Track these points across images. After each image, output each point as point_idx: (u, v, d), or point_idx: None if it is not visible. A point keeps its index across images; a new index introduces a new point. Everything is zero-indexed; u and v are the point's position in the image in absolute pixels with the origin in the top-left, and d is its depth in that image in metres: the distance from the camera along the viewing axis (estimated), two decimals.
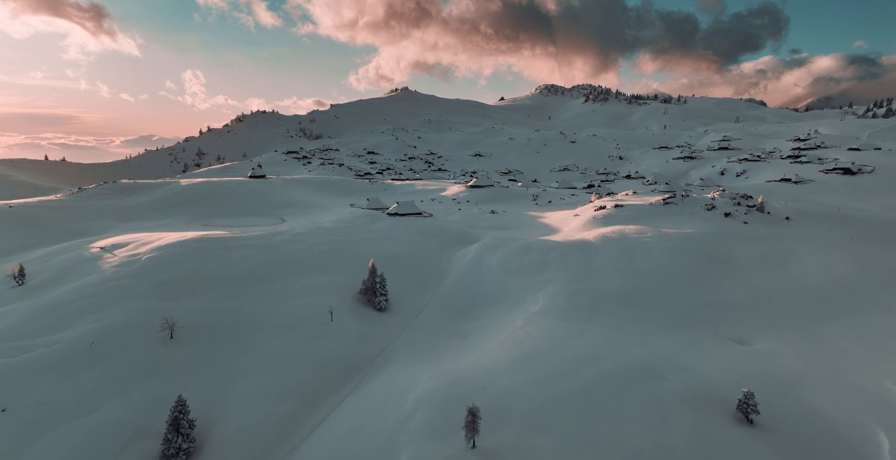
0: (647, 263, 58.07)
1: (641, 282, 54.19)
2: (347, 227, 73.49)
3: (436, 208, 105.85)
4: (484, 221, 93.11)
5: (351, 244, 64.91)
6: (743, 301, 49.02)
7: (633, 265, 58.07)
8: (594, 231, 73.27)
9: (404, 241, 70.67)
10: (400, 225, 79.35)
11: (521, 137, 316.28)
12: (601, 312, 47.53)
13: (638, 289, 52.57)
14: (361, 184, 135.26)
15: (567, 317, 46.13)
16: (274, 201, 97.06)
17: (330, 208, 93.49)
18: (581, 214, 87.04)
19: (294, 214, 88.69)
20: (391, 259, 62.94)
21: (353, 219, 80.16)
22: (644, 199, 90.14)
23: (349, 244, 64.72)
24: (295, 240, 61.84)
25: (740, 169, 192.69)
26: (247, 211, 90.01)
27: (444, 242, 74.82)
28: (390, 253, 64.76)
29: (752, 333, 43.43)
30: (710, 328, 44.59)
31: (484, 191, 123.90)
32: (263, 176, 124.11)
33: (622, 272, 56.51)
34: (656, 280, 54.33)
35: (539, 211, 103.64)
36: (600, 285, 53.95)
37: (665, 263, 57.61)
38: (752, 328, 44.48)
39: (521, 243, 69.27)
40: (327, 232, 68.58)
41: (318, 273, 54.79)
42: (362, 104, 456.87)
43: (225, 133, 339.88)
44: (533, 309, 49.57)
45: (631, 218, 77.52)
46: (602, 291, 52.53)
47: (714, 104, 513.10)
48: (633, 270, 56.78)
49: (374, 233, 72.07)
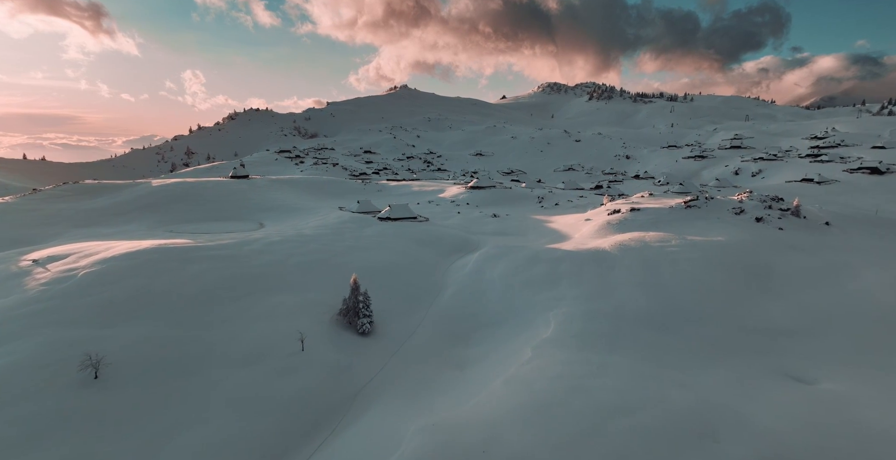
0: (675, 277, 50.80)
1: (670, 300, 46.94)
2: (332, 234, 66.32)
3: (433, 211, 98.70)
4: (485, 226, 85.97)
5: (333, 254, 57.73)
6: (795, 325, 41.73)
7: (658, 279, 50.81)
8: (609, 238, 66.04)
9: (395, 250, 63.50)
10: (391, 231, 72.21)
11: (524, 136, 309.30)
12: (625, 339, 40.29)
13: (666, 309, 45.33)
14: (354, 186, 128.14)
15: (585, 345, 38.90)
16: (255, 204, 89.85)
17: (316, 212, 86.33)
18: (593, 219, 79.80)
19: (275, 219, 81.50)
20: (379, 272, 55.79)
21: (340, 224, 73.01)
22: (663, 202, 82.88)
23: (331, 254, 57.54)
24: (268, 249, 54.63)
25: (756, 168, 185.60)
26: (223, 215, 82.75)
27: (440, 251, 67.65)
28: (378, 264, 57.60)
29: (813, 367, 36.13)
30: (760, 359, 37.32)
31: (485, 193, 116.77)
32: (246, 176, 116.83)
33: (646, 288, 49.27)
34: (687, 297, 47.08)
35: (545, 214, 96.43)
36: (621, 304, 46.72)
37: (696, 277, 50.34)
38: (811, 360, 37.19)
39: (527, 252, 62.08)
40: (308, 240, 61.39)
41: (291, 290, 47.60)
42: (360, 102, 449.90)
43: (216, 131, 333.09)
44: (543, 334, 42.35)
45: (650, 223, 70.25)
46: (624, 312, 45.30)
47: (722, 102, 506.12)
48: (659, 286, 49.52)
49: (361, 241, 64.89)
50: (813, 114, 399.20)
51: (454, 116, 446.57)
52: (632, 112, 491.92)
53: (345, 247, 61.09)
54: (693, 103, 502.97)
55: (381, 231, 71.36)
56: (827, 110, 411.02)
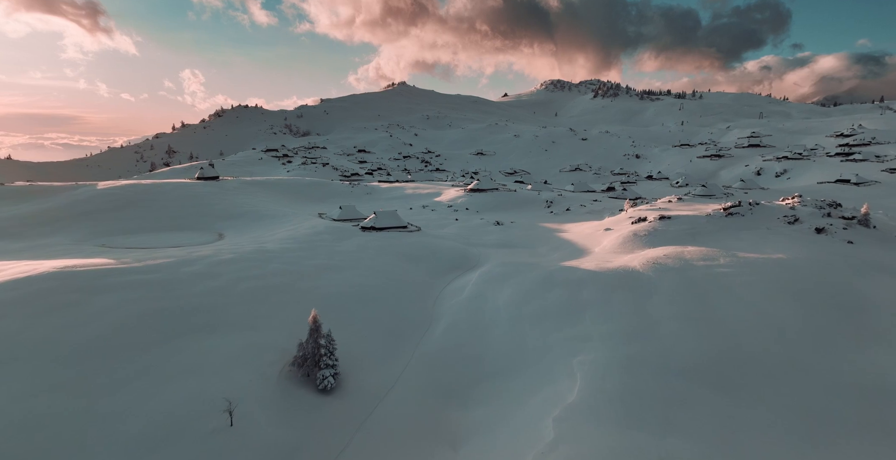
0: (733, 310, 40.01)
1: (732, 343, 36.11)
2: (300, 250, 55.55)
3: (427, 218, 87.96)
4: (487, 236, 75.27)
5: (298, 277, 46.96)
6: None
7: (710, 312, 40.03)
8: (639, 254, 55.31)
9: (376, 270, 52.76)
10: (375, 244, 61.50)
11: (528, 134, 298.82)
12: (683, 407, 29.49)
13: (730, 357, 34.50)
14: (340, 188, 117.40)
15: (629, 418, 28.14)
16: (219, 210, 79.11)
17: (290, 219, 75.60)
18: (615, 229, 69.06)
19: (240, 228, 70.80)
20: (354, 300, 45.09)
21: (313, 235, 62.28)
22: (696, 209, 72.17)
23: (295, 277, 46.77)
24: (213, 272, 43.85)
25: (780, 168, 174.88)
26: (177, 224, 72.04)
27: (432, 269, 56.94)
28: (354, 289, 46.86)
29: None
30: (890, 442, 26.59)
31: (486, 197, 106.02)
32: (216, 177, 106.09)
33: (697, 325, 38.48)
34: (755, 339, 36.27)
35: (556, 222, 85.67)
36: (668, 348, 35.92)
37: (761, 310, 39.55)
38: None
39: (539, 273, 51.36)
40: (268, 257, 50.59)
41: (234, 329, 36.85)
42: (355, 99, 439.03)
43: (201, 129, 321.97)
44: (567, 394, 31.62)
45: (686, 235, 59.52)
46: (673, 360, 34.50)
47: (732, 99, 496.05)
48: (714, 322, 38.73)
49: (335, 258, 54.13)
50: (829, 111, 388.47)
51: (454, 114, 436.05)
52: (639, 110, 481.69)
53: (314, 267, 50.31)
54: (702, 101, 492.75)
55: (363, 244, 60.62)
56: (844, 107, 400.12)
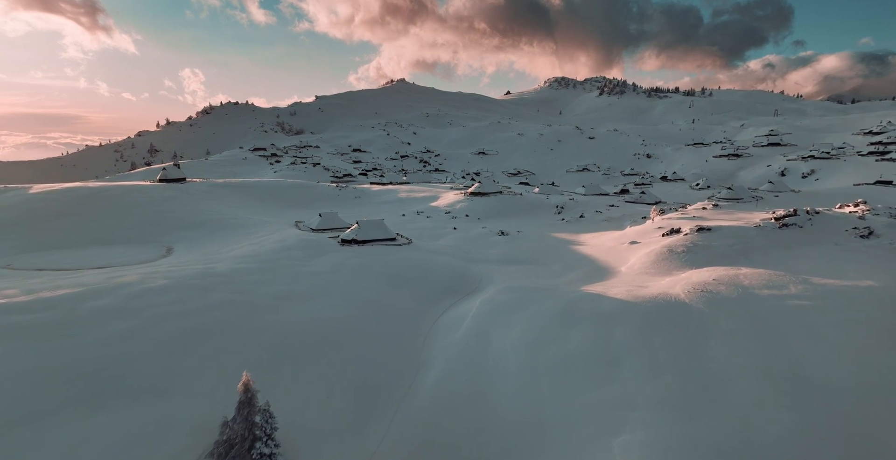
0: (826, 363, 29.90)
1: (837, 418, 26.08)
2: (259, 271, 45.53)
3: (420, 227, 77.98)
4: (490, 249, 65.26)
5: (247, 311, 36.94)
6: None
7: (796, 366, 29.92)
8: (678, 276, 45.24)
9: (352, 297, 42.76)
10: (354, 262, 51.51)
11: (532, 133, 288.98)
12: None
13: (843, 445, 24.49)
14: (326, 191, 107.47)
15: None
16: (176, 219, 69.20)
17: (259, 229, 65.65)
18: (642, 242, 58.95)
19: (195, 241, 60.93)
20: (317, 342, 35.09)
21: (280, 251, 52.28)
22: (737, 217, 62.12)
23: (244, 311, 36.75)
24: (128, 307, 33.85)
25: (806, 168, 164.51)
26: (120, 235, 62.16)
27: (423, 294, 46.98)
28: (319, 327, 36.86)
29: None
30: None
31: (489, 201, 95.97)
32: (182, 179, 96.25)
33: (782, 386, 28.37)
34: (871, 412, 26.23)
35: (569, 231, 75.58)
36: (748, 425, 25.81)
37: (866, 365, 29.47)
38: None
39: (556, 302, 41.30)
40: (213, 283, 40.54)
41: (134, 397, 26.85)
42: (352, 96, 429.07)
43: (187, 127, 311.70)
44: None
45: (735, 252, 49.40)
46: (760, 445, 24.48)
47: (744, 96, 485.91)
48: (805, 381, 28.63)
49: (302, 283, 44.10)
50: (847, 108, 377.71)
51: (455, 112, 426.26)
52: (647, 107, 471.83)
53: (271, 296, 40.30)
54: (712, 98, 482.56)
55: (339, 262, 50.61)
56: (862, 104, 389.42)
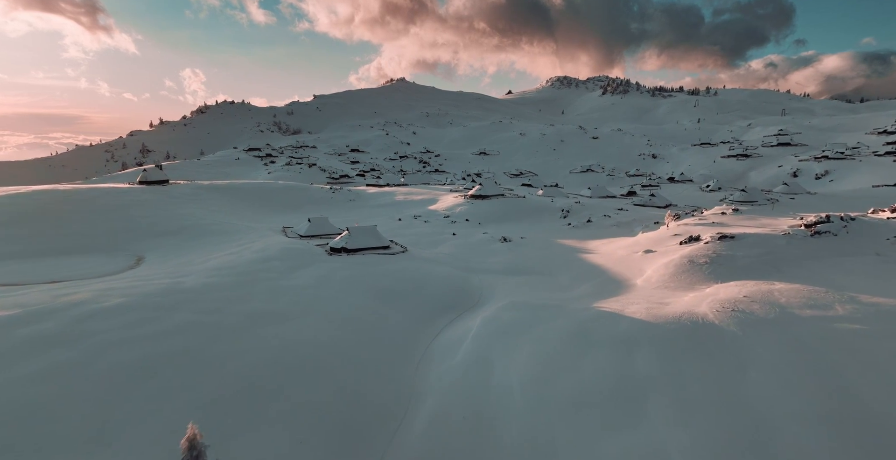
0: (893, 403, 25.38)
1: None
2: (234, 285, 41.01)
3: (417, 232, 73.52)
4: (491, 257, 60.75)
5: (214, 334, 32.43)
6: None
7: (856, 408, 25.35)
8: (703, 291, 40.65)
9: (337, 317, 38.24)
10: (342, 274, 47.01)
11: (534, 133, 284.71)
12: None
13: None
14: (319, 193, 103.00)
15: None
16: (152, 224, 64.76)
17: (241, 236, 61.18)
18: (658, 250, 54.35)
19: (170, 249, 56.46)
20: (292, 373, 30.59)
21: (259, 262, 47.76)
22: (762, 224, 57.54)
23: (210, 335, 32.24)
24: (69, 334, 29.31)
25: (820, 169, 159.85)
26: (87, 243, 57.57)
27: (417, 311, 42.50)
28: (296, 354, 32.34)
29: None
30: None
31: (490, 204, 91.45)
32: (164, 181, 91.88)
33: (843, 432, 23.87)
34: None
35: (577, 237, 70.98)
36: None
37: None
38: None
39: (567, 322, 36.71)
40: (178, 301, 36.00)
41: (64, 449, 22.41)
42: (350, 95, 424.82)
43: (181, 126, 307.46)
44: None
45: (764, 263, 44.80)
46: None
47: (749, 96, 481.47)
48: (870, 426, 24.09)
49: (281, 299, 39.59)
50: (856, 107, 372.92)
51: (455, 111, 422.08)
52: (651, 107, 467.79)
53: (244, 315, 35.79)
54: (718, 97, 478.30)
55: (325, 275, 46.10)
56: (871, 103, 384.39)
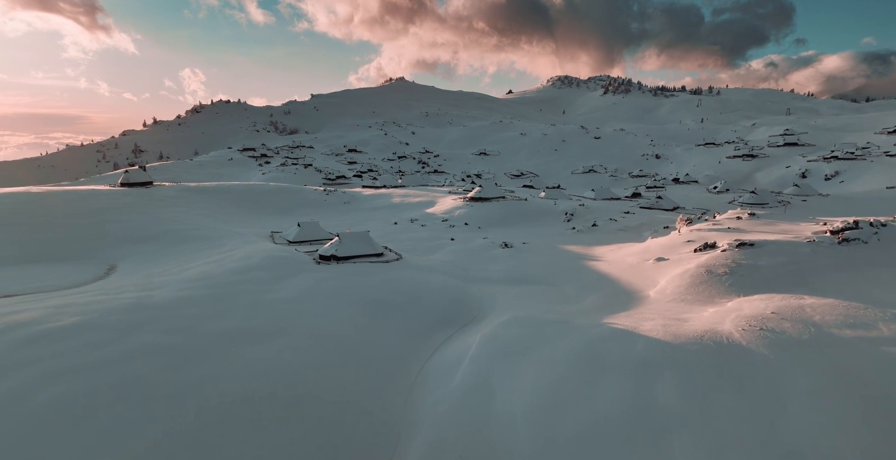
0: None
1: None
2: (209, 299, 37.50)
3: (414, 237, 70.09)
4: (492, 264, 57.27)
5: (181, 358, 28.96)
6: None
7: None
8: (725, 306, 37.18)
9: (322, 335, 34.76)
10: (330, 285, 43.53)
11: (535, 133, 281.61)
12: None
13: None
14: (313, 196, 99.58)
15: None
16: (131, 229, 61.29)
17: (225, 242, 57.70)
18: (671, 258, 50.87)
19: (147, 256, 53.00)
20: (266, 405, 27.05)
21: (241, 272, 44.26)
22: (781, 229, 54.12)
23: (175, 358, 28.76)
24: (8, 362, 25.84)
25: (829, 170, 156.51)
26: (58, 250, 54.02)
27: (411, 325, 39.05)
28: (272, 381, 28.83)
29: None
30: None
31: (491, 207, 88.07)
32: (148, 183, 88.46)
33: None
34: None
35: (582, 243, 67.53)
36: None
37: None
38: None
39: (575, 340, 33.16)
40: (143, 319, 32.52)
41: None
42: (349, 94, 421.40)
43: (175, 126, 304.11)
44: None
45: (790, 273, 41.36)
46: None
47: (753, 95, 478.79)
48: None
49: (261, 314, 36.09)
50: (862, 106, 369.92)
51: (455, 111, 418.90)
52: (653, 106, 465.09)
53: (217, 334, 32.31)
54: (720, 97, 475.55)
55: (311, 287, 42.61)
56: (877, 103, 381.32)
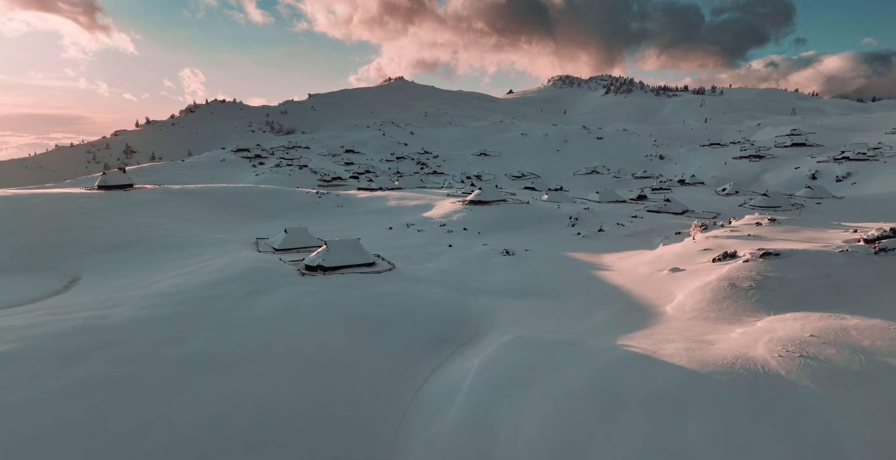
0: None
1: None
2: (174, 318, 33.55)
3: (410, 244, 66.19)
4: (493, 274, 53.32)
5: (129, 394, 25.02)
6: None
7: None
8: (752, 324, 33.23)
9: (301, 360, 30.83)
10: (313, 300, 39.58)
11: (536, 133, 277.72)
12: None
13: None
14: (304, 199, 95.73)
15: None
16: (102, 237, 57.25)
17: (207, 250, 53.67)
18: (688, 269, 46.92)
19: (116, 267, 48.99)
20: (229, 448, 23.23)
21: (216, 285, 40.28)
22: (807, 237, 50.22)
23: (121, 395, 24.83)
24: None
25: (840, 171, 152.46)
26: (18, 260, 49.10)
27: (402, 346, 35.16)
28: (238, 419, 24.88)
29: None
30: None
31: (491, 211, 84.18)
32: (129, 185, 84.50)
33: None
34: None
35: (589, 250, 63.55)
36: None
37: None
38: None
39: (588, 368, 29.18)
40: (93, 344, 28.60)
41: None
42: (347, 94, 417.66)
43: (168, 126, 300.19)
44: None
45: (823, 287, 37.44)
46: None
47: (757, 95, 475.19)
48: None
49: (230, 337, 32.13)
50: (869, 106, 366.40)
51: (454, 111, 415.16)
52: (655, 106, 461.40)
53: (179, 362, 28.41)
54: (724, 96, 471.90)
55: (292, 301, 38.66)
56: (883, 102, 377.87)
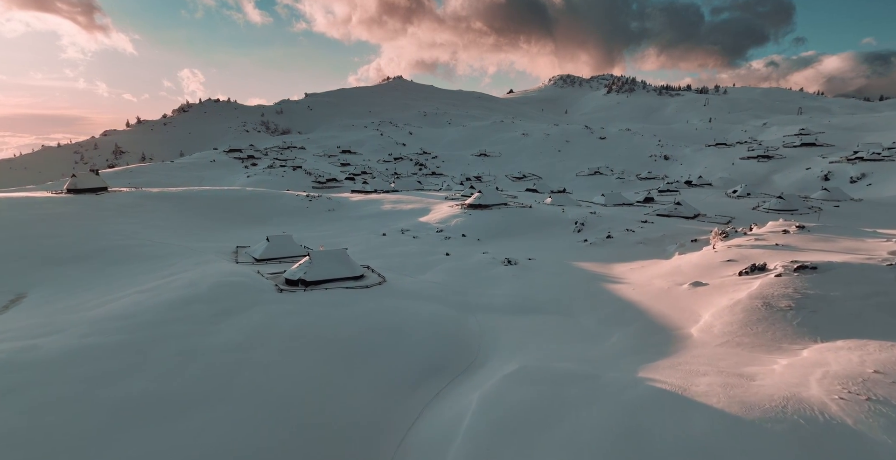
0: None
1: None
2: (118, 348, 28.95)
3: (403, 252, 61.60)
4: (493, 287, 48.70)
5: (54, 449, 20.51)
6: None
7: None
8: (797, 353, 28.57)
9: (268, 400, 26.22)
10: (290, 322, 34.97)
11: (537, 133, 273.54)
12: None
13: None
14: (293, 202, 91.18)
15: None
16: (62, 246, 52.56)
17: (177, 261, 49.05)
18: (712, 284, 42.28)
19: (73, 281, 44.31)
20: None
21: (178, 305, 35.66)
22: (845, 248, 45.68)
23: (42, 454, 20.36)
24: None
25: (854, 172, 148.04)
26: None
27: (391, 377, 30.57)
28: None
29: None
30: None
31: (491, 215, 79.62)
32: (102, 189, 79.97)
33: None
34: None
35: (597, 259, 58.90)
36: None
37: None
38: None
39: (607, 409, 24.30)
40: (6, 388, 24.09)
41: None
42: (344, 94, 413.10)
43: (160, 126, 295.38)
44: None
45: (875, 308, 32.80)
46: None
47: (761, 94, 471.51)
48: None
49: (186, 373, 27.52)
50: (876, 105, 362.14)
51: (454, 111, 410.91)
52: (658, 106, 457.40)
53: (115, 408, 23.84)
54: (728, 96, 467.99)
55: (264, 324, 34.05)
56: (891, 101, 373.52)
